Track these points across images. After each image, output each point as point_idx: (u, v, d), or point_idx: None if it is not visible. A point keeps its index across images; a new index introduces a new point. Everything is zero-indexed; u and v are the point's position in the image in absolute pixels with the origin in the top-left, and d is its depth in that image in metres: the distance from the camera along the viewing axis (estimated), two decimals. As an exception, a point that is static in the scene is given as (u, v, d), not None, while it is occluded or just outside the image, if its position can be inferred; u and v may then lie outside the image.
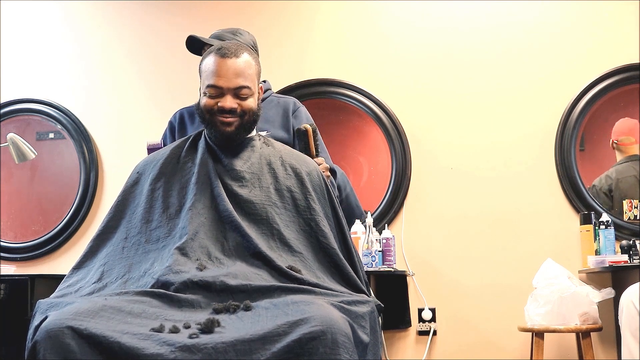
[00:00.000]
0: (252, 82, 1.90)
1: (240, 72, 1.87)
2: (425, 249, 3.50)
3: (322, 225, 1.83)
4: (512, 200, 3.48)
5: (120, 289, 1.67)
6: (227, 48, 1.90)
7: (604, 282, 3.26)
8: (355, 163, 3.74)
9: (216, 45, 1.94)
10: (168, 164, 1.91)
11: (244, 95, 1.88)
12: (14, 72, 3.95)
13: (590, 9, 3.55)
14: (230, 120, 1.87)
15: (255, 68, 1.93)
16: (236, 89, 1.87)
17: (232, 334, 1.42)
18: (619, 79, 3.47)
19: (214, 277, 1.62)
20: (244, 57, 1.90)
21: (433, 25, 3.67)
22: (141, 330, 1.42)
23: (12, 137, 3.34)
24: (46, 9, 3.98)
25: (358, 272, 1.85)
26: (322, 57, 3.74)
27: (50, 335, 1.39)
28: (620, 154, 3.53)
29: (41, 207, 3.90)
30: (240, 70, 1.87)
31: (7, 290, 3.08)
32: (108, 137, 3.86)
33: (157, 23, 3.88)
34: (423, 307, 3.45)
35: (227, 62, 1.87)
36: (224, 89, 1.86)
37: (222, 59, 1.87)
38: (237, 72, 1.87)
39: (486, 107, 3.57)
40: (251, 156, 1.91)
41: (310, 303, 1.48)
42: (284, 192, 1.86)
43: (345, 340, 1.42)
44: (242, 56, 1.89)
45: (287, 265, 1.71)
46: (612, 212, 3.42)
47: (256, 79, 1.94)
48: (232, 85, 1.86)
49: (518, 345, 3.34)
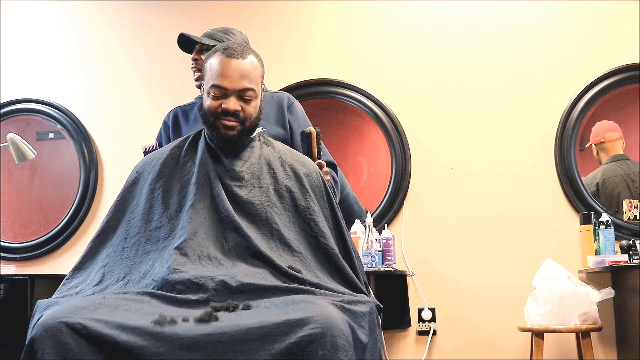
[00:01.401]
0: (256, 84, 1.90)
1: (245, 74, 1.87)
2: (425, 249, 3.50)
3: (321, 225, 1.83)
4: (512, 200, 3.48)
5: (120, 290, 1.66)
6: (234, 49, 1.89)
7: (604, 282, 3.26)
8: (355, 163, 3.74)
9: (222, 45, 1.93)
10: (168, 164, 1.91)
11: (248, 98, 1.87)
12: (14, 72, 3.95)
13: (590, 9, 3.55)
14: (233, 124, 1.86)
15: (260, 70, 1.93)
16: (241, 91, 1.86)
17: (229, 323, 1.41)
18: (619, 79, 3.47)
19: (213, 277, 1.61)
20: (250, 58, 1.89)
21: (433, 25, 3.67)
22: (139, 323, 1.41)
23: (12, 137, 3.34)
24: (46, 9, 3.98)
25: (357, 273, 1.84)
26: (322, 57, 3.74)
27: (48, 332, 1.38)
28: (605, 154, 3.50)
29: (41, 207, 3.90)
30: (246, 72, 1.87)
31: (7, 290, 3.09)
32: (108, 137, 3.86)
33: (157, 23, 3.89)
34: (423, 307, 3.45)
35: (233, 62, 1.86)
36: (229, 90, 1.86)
37: (228, 59, 1.86)
38: (242, 74, 1.86)
39: (486, 107, 3.57)
40: (251, 156, 1.91)
41: (310, 302, 1.48)
42: (283, 192, 1.86)
43: (345, 343, 1.41)
44: (248, 57, 1.89)
45: (287, 265, 1.70)
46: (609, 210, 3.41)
47: (260, 81, 1.94)
48: (237, 87, 1.86)
49: (518, 345, 3.34)
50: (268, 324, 1.40)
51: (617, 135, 3.48)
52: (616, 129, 3.48)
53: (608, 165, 3.49)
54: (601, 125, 3.50)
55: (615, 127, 3.49)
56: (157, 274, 1.66)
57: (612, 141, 3.48)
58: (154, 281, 1.64)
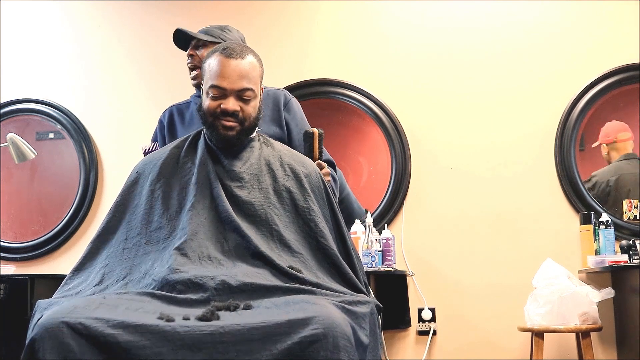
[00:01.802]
0: (255, 84, 1.89)
1: (244, 74, 1.86)
2: (425, 249, 3.50)
3: (321, 226, 1.83)
4: (512, 200, 3.48)
5: (120, 291, 1.66)
6: (233, 49, 1.88)
7: (604, 282, 3.26)
8: (355, 163, 3.74)
9: (221, 45, 1.92)
10: (167, 164, 1.91)
11: (247, 98, 1.87)
12: (14, 72, 3.95)
13: (590, 9, 3.55)
14: (232, 124, 1.86)
15: (259, 70, 1.93)
16: (239, 91, 1.86)
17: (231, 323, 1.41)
18: (619, 79, 3.47)
19: (214, 276, 1.61)
20: (249, 58, 1.89)
21: (433, 25, 3.67)
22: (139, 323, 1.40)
23: (12, 137, 3.34)
24: (46, 9, 3.98)
25: (357, 273, 1.84)
26: (322, 57, 3.74)
27: (48, 332, 1.38)
28: (617, 153, 3.52)
29: (41, 207, 3.90)
30: (245, 72, 1.86)
31: (7, 290, 3.09)
32: (108, 137, 3.86)
33: (157, 23, 3.88)
34: (423, 307, 3.45)
35: (232, 63, 1.85)
36: (227, 90, 1.85)
37: (226, 60, 1.86)
38: (241, 74, 1.86)
39: (486, 107, 3.57)
40: (250, 157, 1.91)
41: (312, 303, 1.48)
42: (282, 193, 1.86)
43: (347, 344, 1.41)
44: (247, 57, 1.88)
45: (287, 266, 1.71)
46: (610, 210, 3.41)
47: (259, 81, 1.93)
48: (236, 87, 1.85)
49: (518, 345, 3.34)
50: (270, 324, 1.40)
51: (629, 135, 3.50)
52: (627, 129, 3.51)
53: (620, 162, 3.50)
54: (612, 126, 3.52)
55: (626, 127, 3.51)
56: (158, 273, 1.66)
57: (624, 141, 3.50)
58: (154, 281, 1.64)
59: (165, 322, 1.41)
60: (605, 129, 3.52)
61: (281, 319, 1.41)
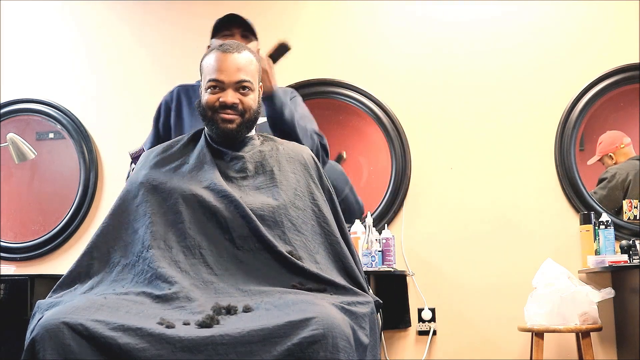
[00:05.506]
0: (253, 77, 1.92)
1: (242, 67, 1.89)
2: (425, 249, 3.50)
3: (324, 211, 1.84)
4: (512, 200, 3.48)
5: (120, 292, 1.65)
6: (229, 44, 1.93)
7: (604, 282, 3.26)
8: (355, 163, 3.74)
9: (217, 44, 1.96)
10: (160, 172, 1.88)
11: (245, 90, 1.89)
12: (14, 72, 3.95)
13: (590, 9, 3.55)
14: (232, 117, 1.87)
15: (256, 65, 1.95)
16: (237, 83, 1.88)
17: (231, 327, 1.41)
18: (619, 79, 3.47)
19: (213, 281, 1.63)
20: (245, 54, 1.92)
21: (433, 25, 3.66)
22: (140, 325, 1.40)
23: (12, 137, 3.33)
24: (46, 9, 3.98)
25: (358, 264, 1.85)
26: (323, 57, 3.74)
27: (49, 333, 1.38)
28: (624, 157, 3.52)
29: (41, 207, 3.89)
30: (242, 65, 1.89)
31: (7, 290, 3.08)
32: (108, 137, 3.86)
33: (158, 23, 3.88)
34: (423, 307, 3.45)
35: (229, 57, 1.89)
36: (225, 83, 1.87)
37: (223, 54, 1.89)
38: (238, 67, 1.88)
39: (486, 107, 3.57)
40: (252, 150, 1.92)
41: (311, 303, 1.48)
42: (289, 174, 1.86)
43: (346, 345, 1.41)
44: (243, 52, 1.92)
45: (287, 250, 1.70)
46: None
47: (257, 76, 1.95)
48: (234, 79, 1.88)
49: (518, 345, 3.34)
50: (269, 326, 1.40)
51: (629, 139, 3.52)
52: (625, 135, 3.52)
53: (634, 161, 3.50)
54: (611, 135, 3.54)
55: (623, 133, 3.53)
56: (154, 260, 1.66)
57: (628, 145, 3.52)
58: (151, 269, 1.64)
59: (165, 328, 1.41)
60: (607, 139, 3.53)
61: (281, 321, 1.41)
